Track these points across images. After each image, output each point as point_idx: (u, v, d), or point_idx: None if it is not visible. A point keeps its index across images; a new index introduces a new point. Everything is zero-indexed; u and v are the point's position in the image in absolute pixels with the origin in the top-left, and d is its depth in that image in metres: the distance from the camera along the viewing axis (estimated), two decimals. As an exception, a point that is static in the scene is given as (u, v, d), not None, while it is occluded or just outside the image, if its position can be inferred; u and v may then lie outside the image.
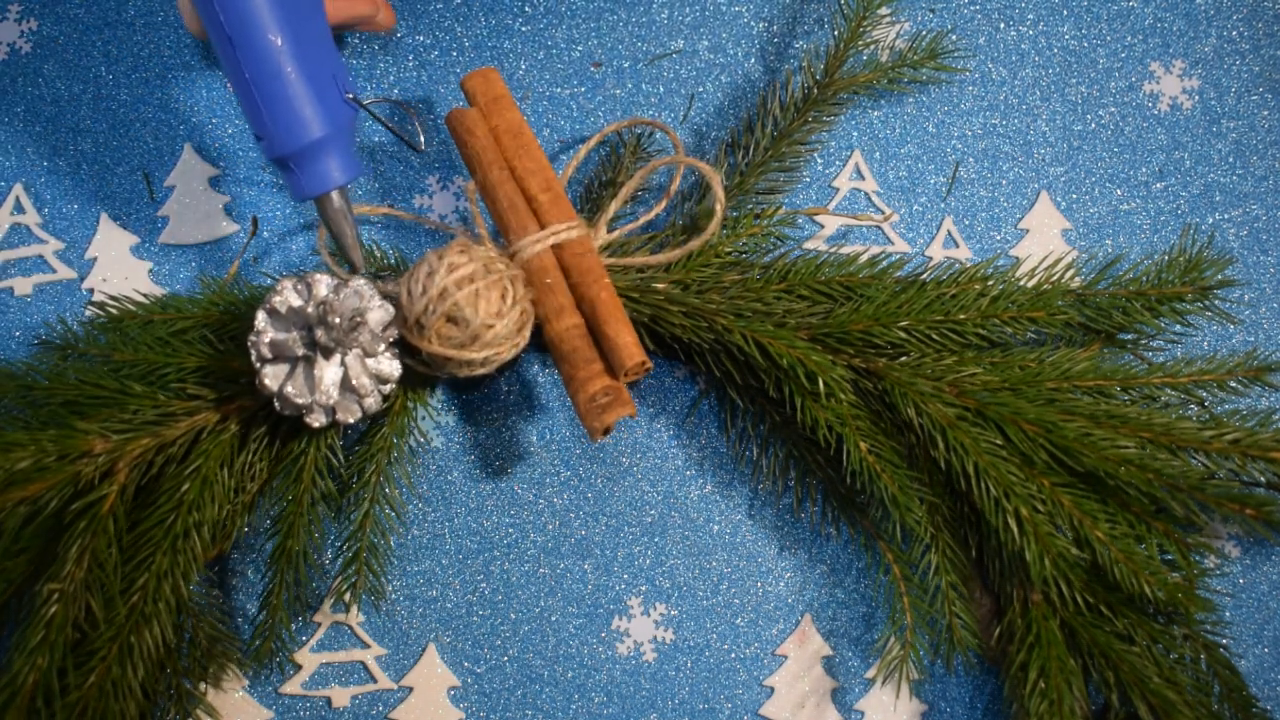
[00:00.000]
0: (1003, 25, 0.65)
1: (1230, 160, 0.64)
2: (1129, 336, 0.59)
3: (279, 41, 0.49)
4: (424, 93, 0.63)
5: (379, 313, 0.52)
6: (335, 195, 0.53)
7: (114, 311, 0.56)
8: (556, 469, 0.60)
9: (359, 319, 0.51)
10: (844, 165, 0.63)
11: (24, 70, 0.62)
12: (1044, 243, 0.63)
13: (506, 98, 0.57)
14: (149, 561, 0.50)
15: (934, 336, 0.54)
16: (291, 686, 0.57)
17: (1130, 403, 0.55)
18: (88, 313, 0.59)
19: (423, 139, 0.60)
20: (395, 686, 0.57)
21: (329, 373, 0.51)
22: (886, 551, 0.57)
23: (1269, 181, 0.64)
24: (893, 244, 0.62)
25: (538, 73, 0.63)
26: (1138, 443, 0.52)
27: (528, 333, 0.53)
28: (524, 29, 0.64)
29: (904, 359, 0.55)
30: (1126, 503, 0.52)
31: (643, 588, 0.59)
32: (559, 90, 0.63)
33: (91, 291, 0.60)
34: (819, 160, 0.63)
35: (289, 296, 0.51)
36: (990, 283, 0.56)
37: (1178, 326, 0.59)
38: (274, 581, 0.54)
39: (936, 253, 0.62)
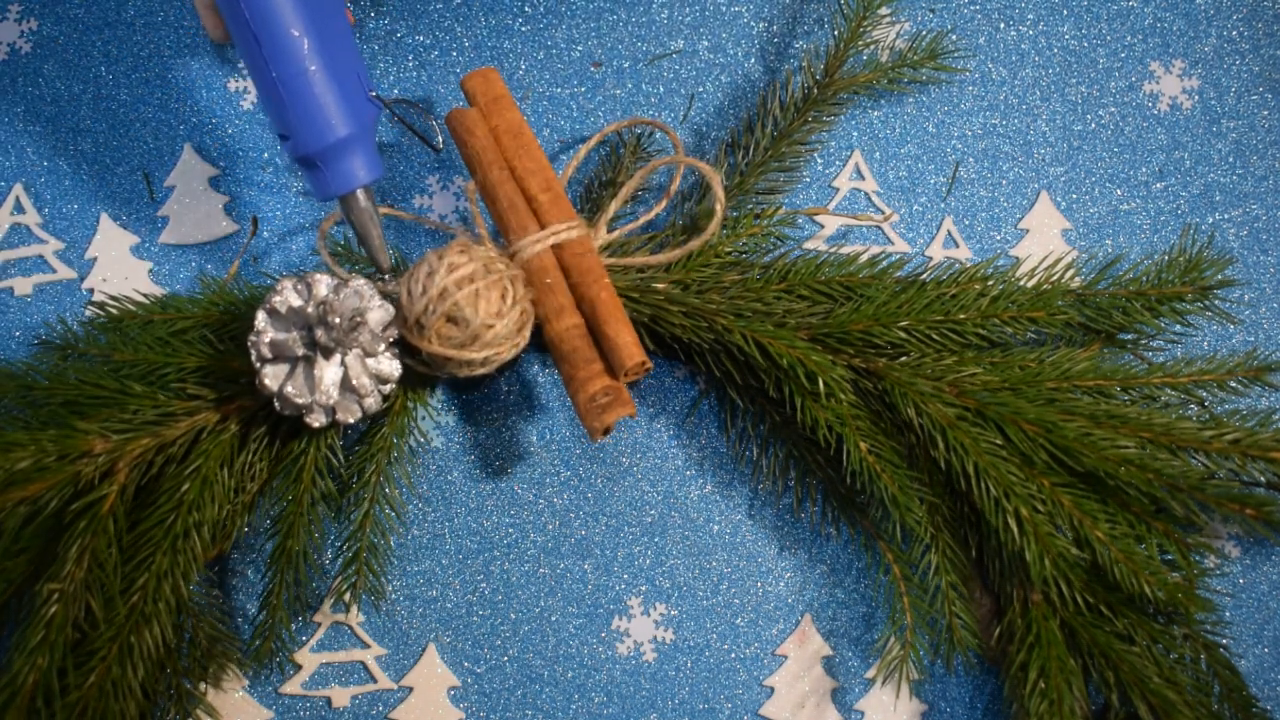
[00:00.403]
0: (1003, 25, 0.65)
1: (1230, 160, 0.64)
2: (1129, 336, 0.59)
3: (305, 40, 0.49)
4: (424, 93, 0.63)
5: (379, 313, 0.52)
6: (361, 194, 0.53)
7: (114, 311, 0.56)
8: (556, 469, 0.60)
9: (359, 319, 0.51)
10: (844, 165, 0.63)
11: (24, 70, 0.62)
12: (1044, 243, 0.63)
13: (506, 98, 0.57)
14: (149, 561, 0.50)
15: (934, 336, 0.54)
16: (291, 686, 0.57)
17: (1130, 403, 0.55)
18: (88, 313, 0.59)
19: (440, 139, 0.60)
20: (395, 686, 0.57)
21: (329, 373, 0.51)
22: (886, 551, 0.57)
23: (1269, 181, 0.64)
24: (893, 244, 0.62)
25: (538, 73, 0.63)
26: (1138, 443, 0.52)
27: (528, 333, 0.53)
28: (524, 29, 0.64)
29: (904, 359, 0.55)
30: (1126, 503, 0.52)
31: (643, 588, 0.59)
32: (559, 90, 0.63)
33: (91, 291, 0.60)
34: (819, 160, 0.63)
35: (289, 296, 0.51)
36: (990, 283, 0.56)
37: (1178, 326, 0.59)
38: (274, 581, 0.54)
39: (936, 253, 0.62)
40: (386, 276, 0.55)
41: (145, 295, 0.57)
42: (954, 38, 0.65)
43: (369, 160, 0.52)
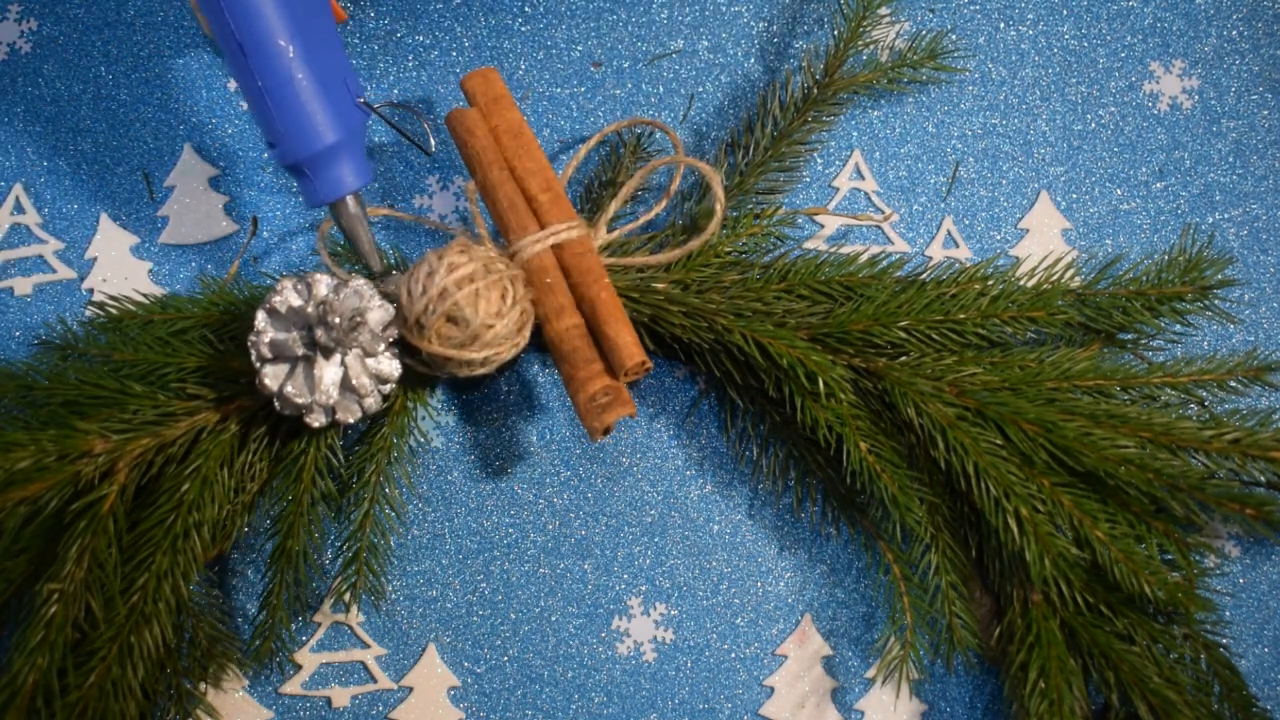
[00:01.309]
0: (1003, 25, 0.65)
1: (1230, 160, 0.64)
2: (1129, 336, 0.59)
3: (290, 48, 0.49)
4: (424, 93, 0.63)
5: (379, 313, 0.52)
6: (350, 200, 0.53)
7: (114, 311, 0.56)
8: (556, 469, 0.60)
9: (359, 319, 0.51)
10: (844, 165, 0.63)
11: (24, 70, 0.62)
12: (1044, 243, 0.63)
13: (506, 98, 0.57)
14: (149, 561, 0.50)
15: (934, 336, 0.54)
16: (291, 686, 0.57)
17: (1130, 403, 0.55)
18: (88, 313, 0.59)
19: (433, 142, 0.60)
20: (395, 686, 0.57)
21: (329, 373, 0.51)
22: (886, 551, 0.57)
23: (1269, 181, 0.64)
24: (893, 244, 0.62)
25: (538, 73, 0.63)
26: (1138, 443, 0.52)
27: (528, 333, 0.53)
28: (524, 29, 0.64)
29: (904, 359, 0.55)
30: (1126, 503, 0.52)
31: (643, 588, 0.59)
32: (559, 90, 0.63)
33: (91, 291, 0.60)
34: (819, 160, 0.63)
35: (289, 296, 0.51)
36: (990, 283, 0.56)
37: (1178, 326, 0.59)
38: (274, 581, 0.54)
39: (936, 253, 0.62)
40: (384, 276, 0.55)
41: (145, 295, 0.57)
42: (954, 38, 0.65)
43: (357, 166, 0.53)
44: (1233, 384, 0.56)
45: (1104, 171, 0.64)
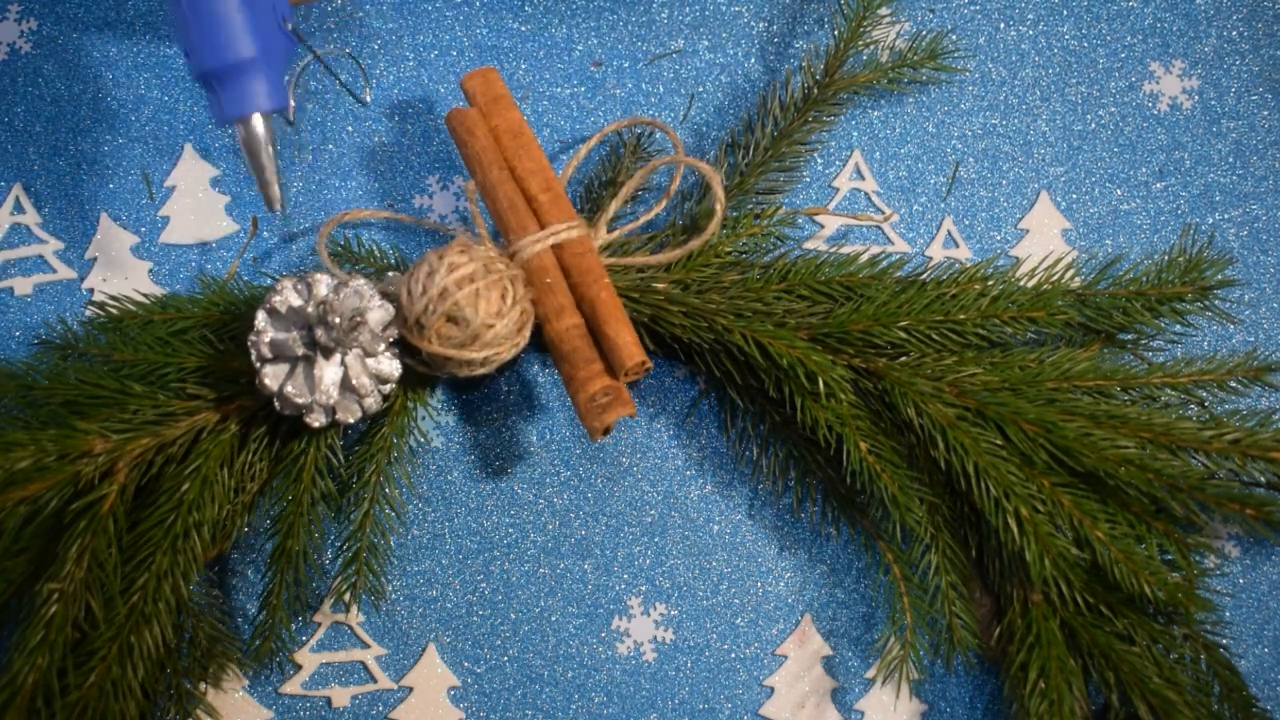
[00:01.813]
0: (1003, 25, 0.65)
1: (1230, 160, 0.64)
2: (1129, 336, 0.59)
3: None
4: (424, 93, 0.63)
5: (379, 312, 0.52)
6: (259, 121, 0.52)
7: (114, 311, 0.56)
8: (556, 469, 0.60)
9: (359, 319, 0.51)
10: (844, 165, 0.63)
11: (24, 70, 0.62)
12: (1044, 243, 0.63)
13: (506, 98, 0.57)
14: (149, 561, 0.50)
15: (934, 336, 0.54)
16: (291, 686, 0.57)
17: (1130, 403, 0.55)
18: (88, 313, 0.59)
19: (369, 94, 0.60)
20: (395, 686, 0.57)
21: (329, 373, 0.51)
22: (886, 551, 0.57)
23: (1269, 181, 0.64)
24: (893, 244, 0.62)
25: (538, 73, 0.63)
26: (1138, 443, 0.52)
27: (528, 333, 0.53)
28: (524, 29, 0.64)
29: (904, 359, 0.55)
30: (1126, 503, 0.52)
31: (643, 588, 0.59)
32: (559, 90, 0.63)
33: (91, 291, 0.60)
34: (819, 160, 0.63)
35: (289, 296, 0.51)
36: (990, 283, 0.56)
37: (1178, 326, 0.59)
38: (274, 581, 0.54)
39: (936, 253, 0.62)
40: (278, 211, 0.54)
41: (145, 295, 0.57)
42: (954, 38, 0.65)
43: (271, 89, 0.52)
44: (1233, 384, 0.56)
45: (1104, 172, 0.64)
